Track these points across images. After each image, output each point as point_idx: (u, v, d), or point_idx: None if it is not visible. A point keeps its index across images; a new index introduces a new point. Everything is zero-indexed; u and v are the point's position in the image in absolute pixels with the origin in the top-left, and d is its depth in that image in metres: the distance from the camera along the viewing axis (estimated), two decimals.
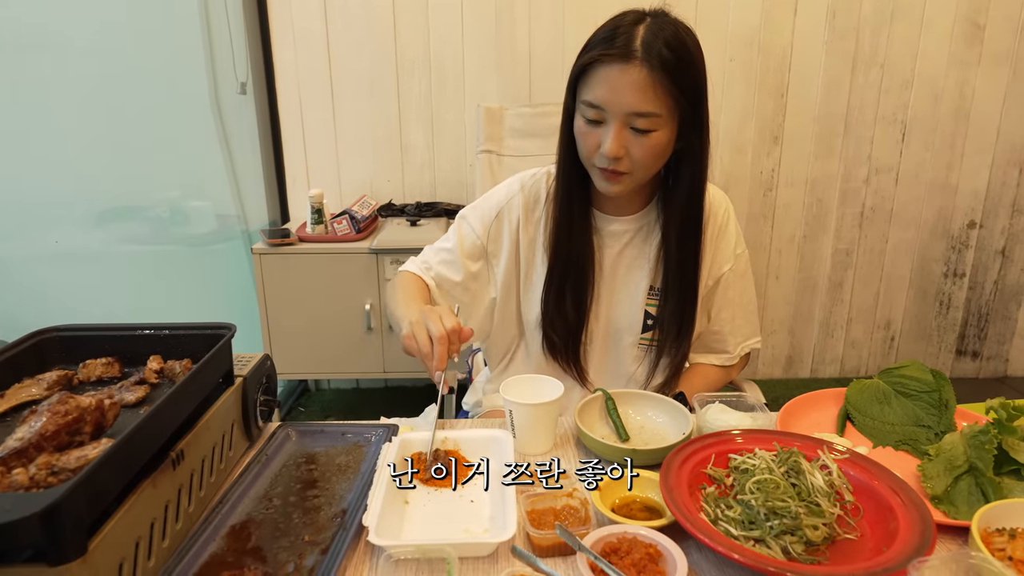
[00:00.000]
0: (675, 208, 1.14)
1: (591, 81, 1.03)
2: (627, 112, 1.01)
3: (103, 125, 2.16)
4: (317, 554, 0.72)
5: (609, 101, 1.01)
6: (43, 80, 2.04)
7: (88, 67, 2.09)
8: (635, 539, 0.71)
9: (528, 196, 1.21)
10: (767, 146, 2.60)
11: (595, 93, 1.03)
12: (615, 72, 1.00)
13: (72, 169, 2.14)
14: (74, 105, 2.09)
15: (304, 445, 0.96)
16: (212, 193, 2.39)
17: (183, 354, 0.89)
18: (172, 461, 0.73)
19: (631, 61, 1.00)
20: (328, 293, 2.27)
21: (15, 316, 2.11)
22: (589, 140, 1.06)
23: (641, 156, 1.04)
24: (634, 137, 1.03)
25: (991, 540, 0.69)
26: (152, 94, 2.22)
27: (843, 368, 2.90)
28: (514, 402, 0.93)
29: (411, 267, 1.22)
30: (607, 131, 1.03)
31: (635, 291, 1.20)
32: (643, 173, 1.08)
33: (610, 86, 1.01)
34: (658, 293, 1.20)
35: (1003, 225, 2.71)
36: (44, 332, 0.90)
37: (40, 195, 2.10)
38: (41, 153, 2.08)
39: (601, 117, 1.04)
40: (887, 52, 2.50)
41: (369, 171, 2.60)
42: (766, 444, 0.86)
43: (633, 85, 1.00)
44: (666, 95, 1.00)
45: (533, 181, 1.23)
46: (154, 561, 0.68)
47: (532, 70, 2.45)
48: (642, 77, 0.99)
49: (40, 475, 0.61)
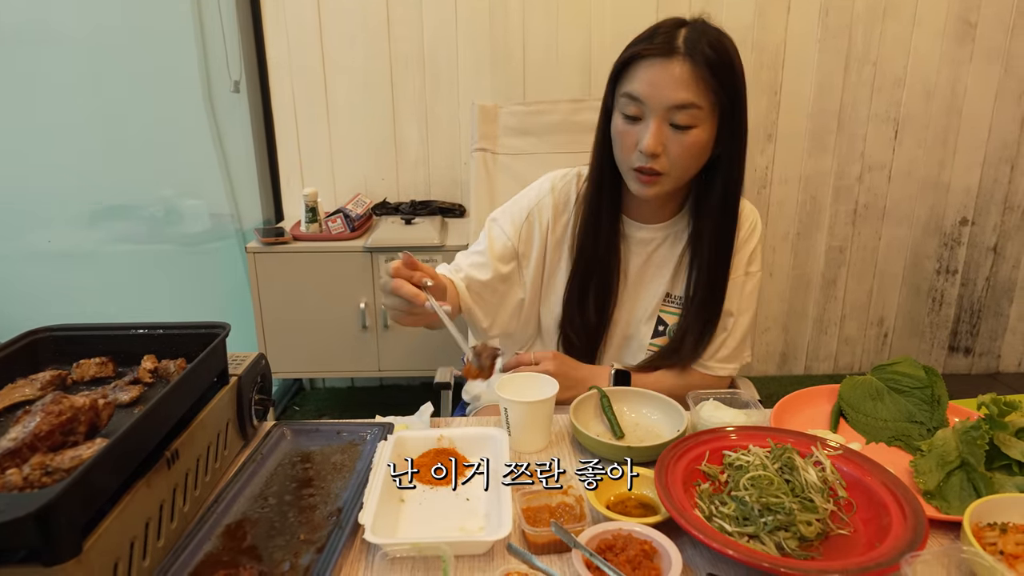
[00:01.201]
0: (707, 218, 1.13)
1: (632, 75, 1.04)
2: (667, 106, 1.01)
3: (95, 124, 2.15)
4: (313, 553, 0.72)
5: (650, 95, 1.01)
6: (34, 78, 2.03)
7: (80, 65, 2.08)
8: (630, 536, 0.72)
9: (558, 197, 1.21)
10: (761, 143, 2.60)
11: (635, 86, 1.03)
12: (657, 66, 1.01)
13: (64, 168, 2.13)
14: (66, 103, 2.09)
15: (299, 444, 0.96)
16: (206, 192, 2.38)
17: (177, 353, 0.89)
18: (167, 460, 0.73)
19: (673, 56, 1.01)
20: (323, 292, 2.26)
21: (8, 316, 2.10)
22: (627, 139, 1.06)
23: (679, 154, 1.04)
24: (673, 134, 1.03)
25: (983, 535, 0.70)
26: (145, 92, 2.21)
27: (837, 365, 2.91)
28: (509, 400, 0.93)
29: (442, 270, 1.19)
30: (646, 127, 1.03)
31: (653, 297, 1.20)
32: (680, 173, 1.07)
33: (651, 79, 1.01)
34: (674, 301, 1.19)
35: (995, 222, 2.73)
36: (37, 332, 0.90)
37: (32, 195, 2.10)
38: (33, 152, 2.08)
39: (640, 112, 1.03)
40: (880, 50, 2.51)
41: (363, 169, 2.59)
42: (760, 441, 0.86)
43: (675, 78, 1.00)
44: (707, 89, 1.01)
45: (564, 183, 1.22)
46: (149, 561, 0.68)
47: (527, 68, 2.45)
48: (685, 71, 1.00)
49: (34, 475, 0.61)
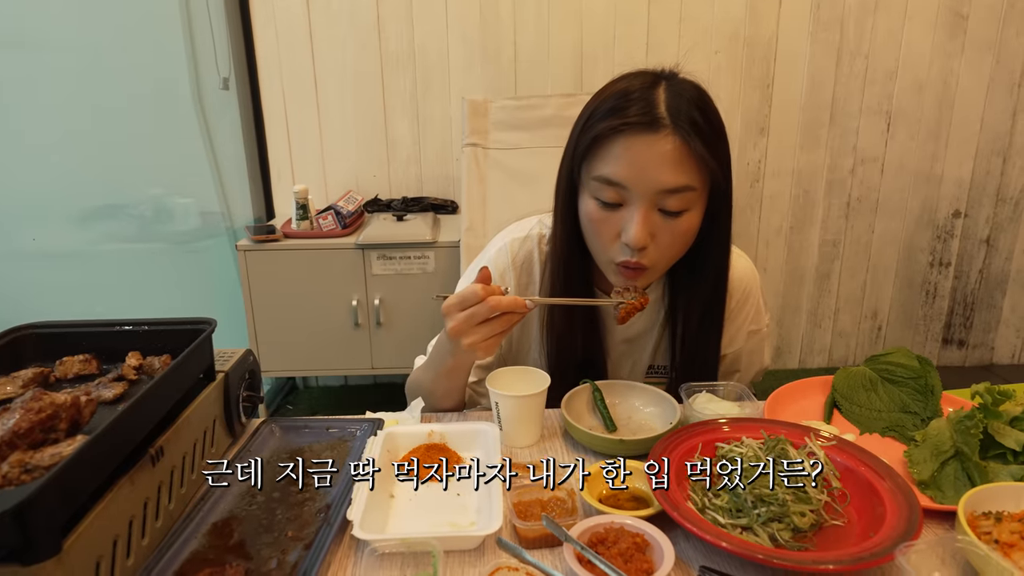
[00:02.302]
0: (686, 292, 1.03)
1: (607, 155, 0.88)
2: (657, 190, 0.87)
3: (83, 121, 2.12)
4: (301, 549, 0.71)
5: (634, 179, 0.86)
6: (21, 76, 2.00)
7: (67, 63, 2.05)
8: (622, 529, 0.71)
9: (521, 270, 1.08)
10: (753, 137, 2.60)
11: (614, 168, 0.87)
12: (639, 144, 0.86)
13: (52, 167, 2.10)
14: (53, 101, 2.06)
15: (288, 441, 0.94)
16: (195, 190, 2.36)
17: (163, 350, 0.87)
18: (151, 458, 0.72)
19: (659, 130, 0.86)
20: (314, 290, 2.25)
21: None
22: (605, 228, 0.91)
23: (669, 243, 0.91)
24: (663, 221, 0.89)
25: (977, 524, 0.69)
26: (133, 89, 2.19)
27: (831, 358, 2.91)
28: (500, 394, 0.92)
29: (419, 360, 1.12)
30: (630, 216, 0.88)
31: (636, 370, 1.13)
32: (665, 264, 0.95)
33: (634, 160, 0.86)
34: (659, 370, 1.12)
35: (987, 214, 2.73)
36: (20, 329, 0.89)
37: (19, 193, 2.07)
38: (19, 151, 2.05)
39: (622, 198, 0.89)
40: (871, 43, 2.51)
41: (354, 166, 2.58)
42: (753, 432, 0.86)
43: (663, 158, 0.85)
44: (702, 166, 0.87)
45: (524, 250, 1.08)
46: (133, 560, 0.67)
47: (518, 63, 2.44)
48: (675, 147, 0.85)
49: (12, 473, 0.60)
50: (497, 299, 0.84)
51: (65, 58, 2.04)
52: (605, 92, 0.93)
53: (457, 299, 0.86)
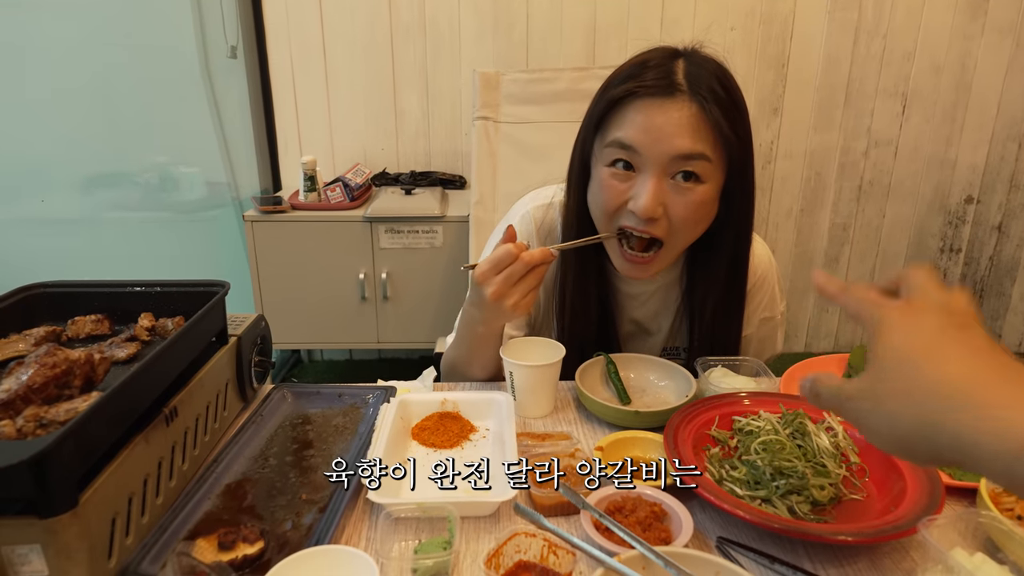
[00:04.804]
0: (705, 278, 1.00)
1: (622, 118, 0.86)
2: (670, 156, 0.84)
3: (89, 89, 2.10)
4: (315, 512, 0.70)
5: (647, 142, 0.84)
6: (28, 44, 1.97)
7: (75, 30, 2.02)
8: (639, 498, 0.70)
9: (546, 237, 1.07)
10: (767, 117, 2.57)
11: (628, 132, 0.85)
12: (654, 108, 0.84)
13: (59, 135, 2.08)
14: (60, 69, 2.03)
15: (300, 406, 0.94)
16: (202, 159, 2.34)
17: (175, 312, 0.86)
18: (165, 418, 0.71)
19: (675, 95, 0.84)
20: (321, 262, 2.23)
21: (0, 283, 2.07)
22: (612, 193, 0.88)
23: (683, 216, 0.87)
24: (675, 192, 0.86)
25: (1000, 500, 0.68)
26: (140, 57, 2.16)
27: (837, 343, 2.90)
28: (515, 363, 0.91)
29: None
30: (642, 183, 0.86)
31: (650, 351, 1.10)
32: (680, 242, 0.91)
33: (649, 124, 0.84)
34: (675, 351, 1.10)
35: (1000, 200, 2.70)
36: (31, 288, 0.88)
37: (23, 159, 2.05)
38: (27, 119, 2.03)
39: (634, 162, 0.86)
40: (890, 23, 2.47)
41: (363, 139, 2.55)
42: (772, 407, 0.85)
43: (678, 123, 0.83)
44: (717, 135, 0.84)
45: (548, 217, 1.07)
46: (148, 517, 0.66)
47: (530, 35, 2.40)
48: (691, 113, 0.83)
49: (28, 427, 0.59)
50: (530, 254, 0.84)
51: (71, 26, 2.01)
52: (624, 65, 0.92)
53: (490, 263, 0.85)
